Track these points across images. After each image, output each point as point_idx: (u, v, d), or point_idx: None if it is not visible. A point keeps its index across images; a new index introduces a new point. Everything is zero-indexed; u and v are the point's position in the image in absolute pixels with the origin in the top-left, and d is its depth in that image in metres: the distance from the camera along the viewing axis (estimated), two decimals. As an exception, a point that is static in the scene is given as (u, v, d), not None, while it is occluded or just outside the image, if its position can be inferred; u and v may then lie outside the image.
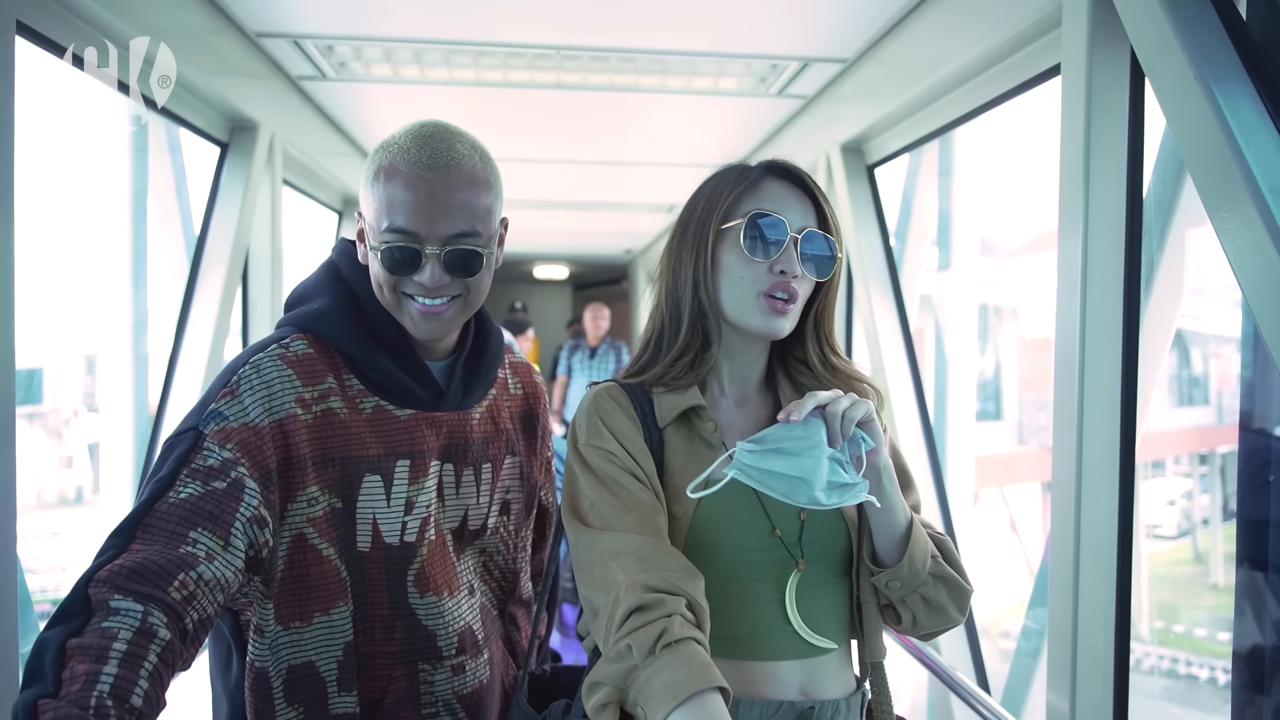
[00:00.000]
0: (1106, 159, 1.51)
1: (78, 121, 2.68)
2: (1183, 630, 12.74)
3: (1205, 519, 15.38)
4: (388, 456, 1.10)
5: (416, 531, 1.12)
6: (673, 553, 0.97)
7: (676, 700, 0.83)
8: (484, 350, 1.22)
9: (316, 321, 1.12)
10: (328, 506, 1.07)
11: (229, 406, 1.03)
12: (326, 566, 1.07)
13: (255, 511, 1.00)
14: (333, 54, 2.60)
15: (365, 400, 1.11)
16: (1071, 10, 1.54)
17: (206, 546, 0.95)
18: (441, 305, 1.08)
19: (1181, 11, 1.31)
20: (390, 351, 1.12)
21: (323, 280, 1.16)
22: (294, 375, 1.07)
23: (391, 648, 1.11)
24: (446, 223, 1.05)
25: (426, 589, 1.12)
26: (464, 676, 1.16)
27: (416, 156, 1.06)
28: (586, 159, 4.21)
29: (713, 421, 1.09)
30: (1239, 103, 1.24)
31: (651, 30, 2.44)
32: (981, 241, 4.22)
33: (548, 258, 9.32)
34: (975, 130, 2.28)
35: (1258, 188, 1.16)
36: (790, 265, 1.05)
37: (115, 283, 2.67)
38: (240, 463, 1.00)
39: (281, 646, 1.07)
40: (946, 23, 2.07)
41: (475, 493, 1.19)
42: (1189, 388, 14.07)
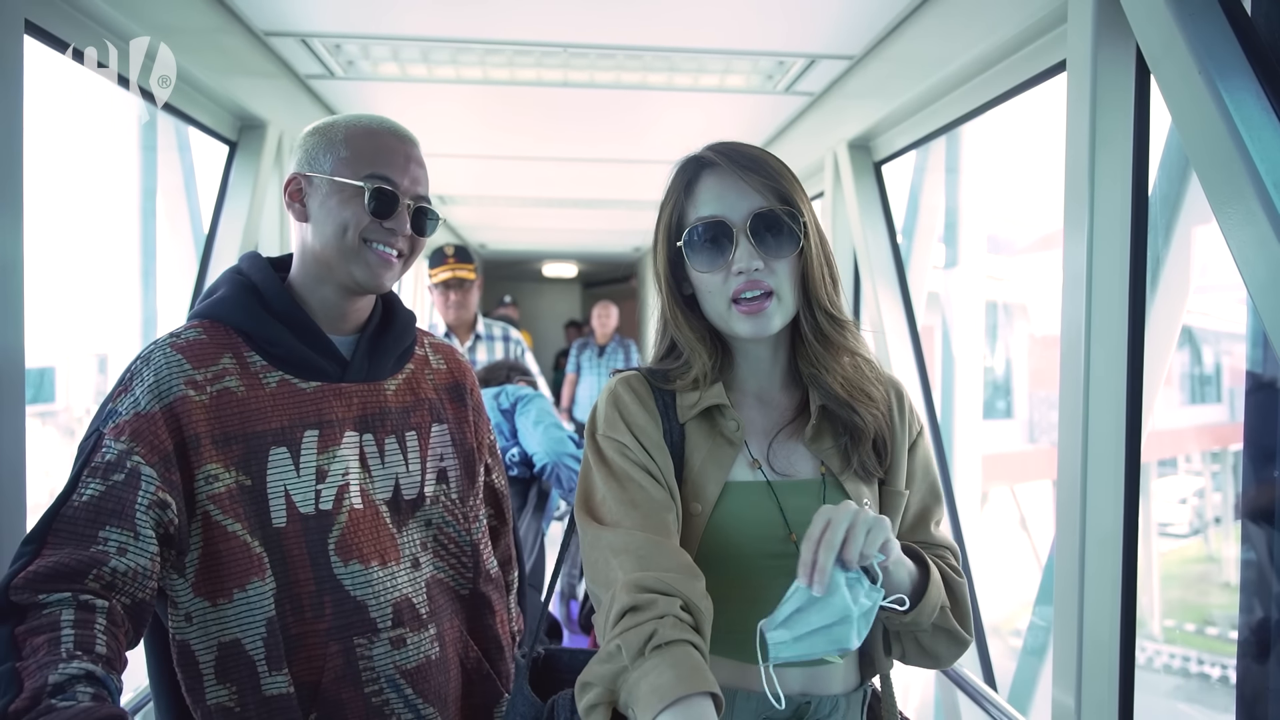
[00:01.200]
0: (1112, 155, 1.51)
1: (87, 120, 2.70)
2: (1194, 629, 12.67)
3: (1217, 517, 15.28)
4: (293, 427, 1.14)
5: (332, 499, 1.14)
6: (674, 552, 0.96)
7: (663, 703, 0.82)
8: (390, 325, 1.28)
9: (214, 307, 1.19)
10: (233, 483, 1.09)
11: (122, 402, 1.08)
12: (235, 543, 1.08)
13: (154, 496, 1.03)
14: (340, 53, 2.61)
15: (269, 375, 1.16)
16: (1077, 7, 1.54)
17: (117, 542, 0.99)
18: (394, 255, 1.19)
19: (1186, 8, 1.31)
20: (290, 326, 1.18)
21: (223, 278, 1.25)
22: (184, 360, 1.12)
23: (323, 624, 1.11)
24: (416, 181, 1.20)
25: (350, 556, 1.13)
26: (405, 650, 1.16)
27: (391, 126, 1.21)
28: (594, 157, 4.21)
29: (735, 420, 1.06)
30: (1243, 99, 1.24)
31: (658, 27, 2.44)
32: (990, 239, 4.20)
33: (556, 256, 9.34)
34: (982, 126, 2.27)
35: (1262, 183, 1.16)
36: (745, 261, 1.01)
37: (126, 281, 2.69)
38: (135, 451, 1.04)
39: (210, 622, 1.09)
40: (953, 19, 2.06)
41: (403, 460, 1.22)
42: (1200, 385, 13.98)
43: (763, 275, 1.01)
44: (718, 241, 1.02)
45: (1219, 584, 14.07)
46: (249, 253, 1.27)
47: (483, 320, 3.45)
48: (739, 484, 1.05)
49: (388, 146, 1.18)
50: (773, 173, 1.04)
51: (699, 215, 1.04)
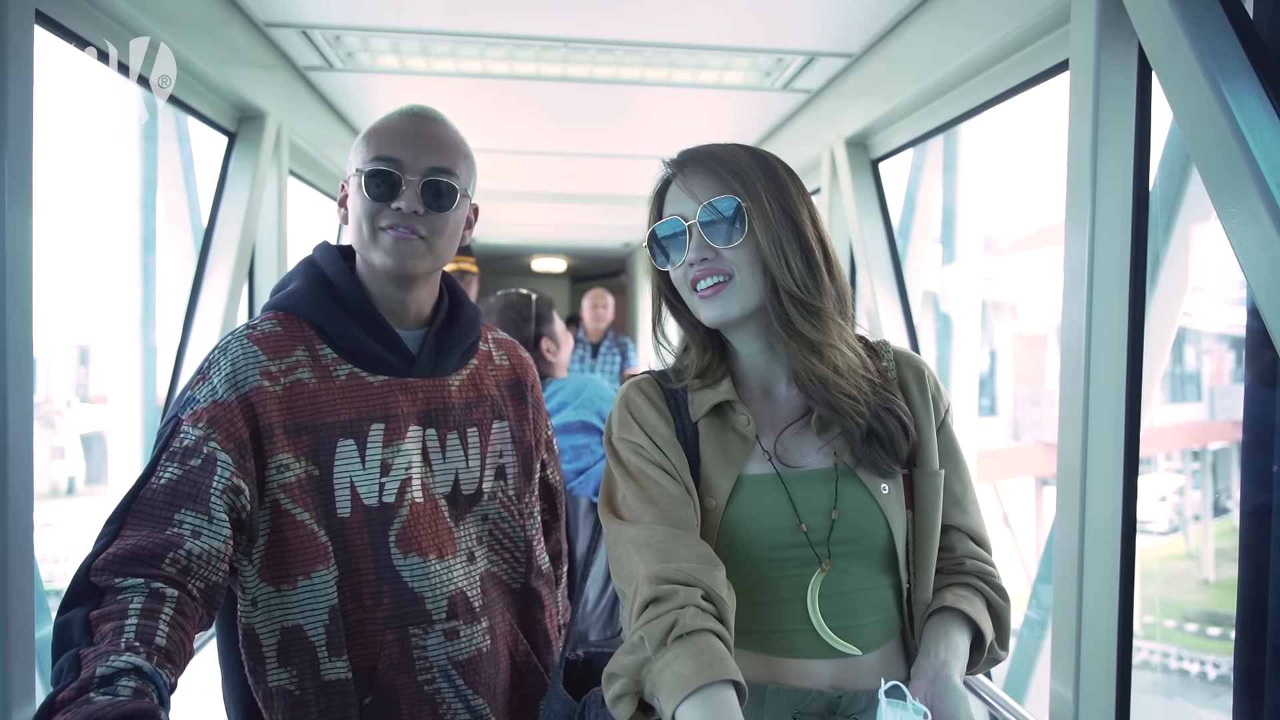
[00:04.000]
0: (1114, 154, 1.53)
1: (82, 108, 2.68)
2: (1174, 625, 12.82)
3: (1196, 515, 15.45)
4: (360, 420, 1.16)
5: (395, 492, 1.16)
6: (694, 543, 0.98)
7: (685, 691, 0.84)
8: (456, 320, 1.29)
9: (288, 299, 1.22)
10: (302, 473, 1.13)
11: (200, 390, 1.12)
12: (302, 531, 1.12)
13: (229, 481, 1.07)
14: (340, 44, 2.61)
15: (339, 368, 1.18)
16: (1080, 7, 1.56)
17: (192, 525, 1.03)
18: (409, 234, 1.17)
19: (1189, 8, 1.33)
20: (360, 321, 1.20)
21: (298, 269, 1.27)
22: (259, 351, 1.15)
23: (380, 613, 1.15)
24: (428, 154, 1.17)
25: (410, 549, 1.16)
26: (458, 642, 1.19)
27: (403, 110, 1.21)
28: (590, 151, 4.21)
29: (745, 415, 1.08)
30: (1246, 99, 1.26)
31: (659, 23, 2.45)
32: (984, 238, 4.24)
33: (546, 250, 9.32)
34: (980, 125, 2.30)
35: (1264, 182, 1.18)
36: (695, 252, 1.04)
37: (120, 271, 2.67)
38: (212, 438, 1.08)
39: (274, 607, 1.13)
40: (953, 18, 2.08)
41: (464, 456, 1.24)
42: (1181, 384, 14.13)
43: (714, 263, 1.04)
44: (674, 239, 1.07)
45: (1198, 581, 14.24)
46: (322, 243, 1.28)
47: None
48: (751, 478, 1.06)
49: (393, 127, 1.19)
50: (724, 168, 1.06)
51: (656, 220, 1.11)
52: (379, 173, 1.16)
